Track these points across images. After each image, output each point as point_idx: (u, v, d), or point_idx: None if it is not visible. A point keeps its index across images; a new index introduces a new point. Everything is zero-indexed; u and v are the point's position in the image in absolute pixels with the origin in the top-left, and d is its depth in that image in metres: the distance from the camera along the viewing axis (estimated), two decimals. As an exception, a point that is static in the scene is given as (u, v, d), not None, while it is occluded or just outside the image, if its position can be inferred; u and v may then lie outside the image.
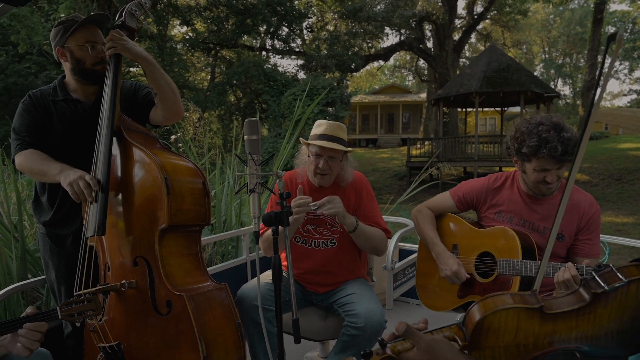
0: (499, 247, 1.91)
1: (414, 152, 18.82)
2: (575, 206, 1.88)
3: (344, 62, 21.71)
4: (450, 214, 2.15)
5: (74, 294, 1.58)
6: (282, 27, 23.11)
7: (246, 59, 22.61)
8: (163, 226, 1.61)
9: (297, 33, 24.23)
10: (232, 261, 3.03)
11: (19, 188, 3.63)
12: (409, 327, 0.83)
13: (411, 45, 23.66)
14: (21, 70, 18.44)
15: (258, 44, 24.50)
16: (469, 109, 20.20)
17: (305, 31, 24.76)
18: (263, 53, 24.68)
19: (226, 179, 4.54)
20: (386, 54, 25.61)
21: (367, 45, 24.94)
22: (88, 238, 1.68)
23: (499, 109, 19.49)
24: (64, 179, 1.66)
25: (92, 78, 1.88)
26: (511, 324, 0.83)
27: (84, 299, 1.49)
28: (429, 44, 25.27)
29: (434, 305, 2.13)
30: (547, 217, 1.91)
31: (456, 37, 25.25)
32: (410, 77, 43.32)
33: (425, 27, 25.07)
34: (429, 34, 25.71)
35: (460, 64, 26.81)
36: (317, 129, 2.10)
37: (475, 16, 25.06)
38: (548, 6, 28.23)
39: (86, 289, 1.61)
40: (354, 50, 23.20)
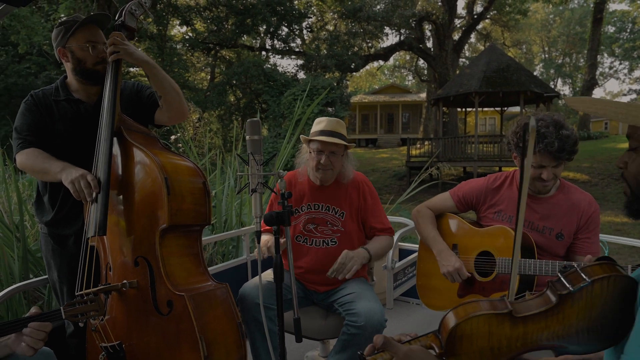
0: (498, 246, 1.91)
1: (413, 152, 18.82)
2: (574, 205, 1.89)
3: (344, 62, 21.72)
4: (450, 213, 2.16)
5: (76, 294, 1.58)
6: (281, 27, 23.12)
7: (246, 59, 22.62)
8: (164, 226, 1.61)
9: (297, 33, 24.24)
10: (233, 261, 3.04)
11: (20, 188, 3.63)
12: (386, 339, 0.87)
13: (411, 45, 23.66)
14: (21, 71, 18.46)
15: (258, 44, 24.51)
16: (468, 109, 20.21)
17: (305, 31, 24.78)
18: (263, 53, 24.69)
19: (227, 179, 4.55)
20: (386, 53, 25.61)
21: (366, 45, 24.95)
22: (89, 238, 1.68)
23: (499, 108, 19.50)
24: (66, 176, 1.66)
25: (93, 78, 1.89)
26: (483, 330, 0.86)
27: (87, 299, 1.50)
28: (429, 44, 25.28)
29: (434, 305, 2.14)
30: (547, 216, 1.92)
31: (456, 37, 25.26)
32: (410, 77, 43.34)
33: (425, 27, 25.08)
34: (428, 33, 25.73)
35: (460, 63, 26.82)
36: (317, 125, 2.13)
37: (475, 16, 25.07)
38: (548, 6, 28.26)
39: (88, 288, 1.62)
40: (353, 50, 23.21)
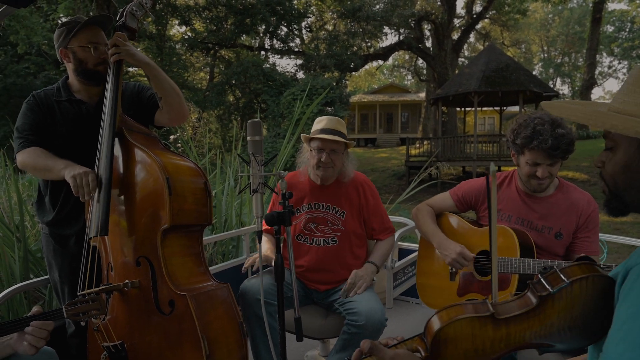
0: (498, 245, 1.92)
1: (412, 152, 18.84)
2: (573, 205, 1.90)
3: (343, 61, 21.72)
4: (450, 213, 2.17)
5: (78, 293, 1.59)
6: (281, 26, 23.11)
7: (245, 58, 22.61)
8: (165, 226, 1.62)
9: (296, 33, 24.24)
10: (233, 261, 3.04)
11: (20, 189, 3.63)
12: (373, 343, 0.89)
13: (410, 44, 23.67)
14: (20, 71, 18.44)
15: (257, 44, 24.50)
16: (467, 109, 20.23)
17: (304, 31, 24.78)
18: (262, 53, 24.68)
19: (226, 179, 4.56)
20: (385, 53, 25.61)
21: (366, 45, 24.94)
22: (91, 238, 1.69)
23: (498, 108, 19.51)
24: (69, 172, 1.66)
25: (94, 79, 1.89)
26: (466, 332, 0.88)
27: (88, 298, 1.51)
28: (428, 44, 25.27)
29: (433, 304, 2.15)
30: (546, 215, 1.93)
31: (455, 36, 25.27)
32: (409, 77, 43.34)
33: (424, 26, 25.08)
34: (427, 33, 25.72)
35: (459, 63, 26.84)
36: (317, 124, 2.16)
37: (474, 16, 25.08)
38: (547, 5, 28.27)
39: (90, 288, 1.63)
40: (352, 49, 23.20)
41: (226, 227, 4.14)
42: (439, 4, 24.21)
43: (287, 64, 49.34)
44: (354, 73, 28.19)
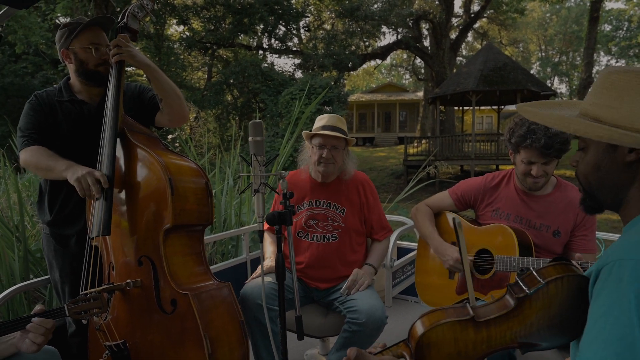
0: (496, 244, 1.94)
1: (411, 151, 18.87)
2: (571, 203, 1.92)
3: (341, 61, 21.73)
4: (449, 212, 2.19)
5: (80, 293, 1.60)
6: (279, 26, 23.10)
7: (243, 58, 22.59)
8: (167, 226, 1.63)
9: (294, 32, 24.23)
10: (232, 260, 3.05)
11: (20, 189, 3.64)
12: (359, 351, 0.92)
13: (408, 44, 23.69)
14: (18, 70, 18.38)
15: (255, 43, 24.48)
16: (465, 108, 20.25)
17: (302, 30, 24.77)
18: (260, 52, 24.67)
19: (226, 178, 4.57)
20: (383, 52, 25.63)
21: (364, 44, 24.95)
22: (93, 238, 1.70)
23: (496, 107, 19.56)
24: (72, 174, 1.66)
25: (95, 79, 1.90)
26: (448, 337, 0.92)
27: (90, 297, 1.52)
28: (426, 43, 25.29)
29: (432, 302, 2.17)
30: (544, 214, 1.95)
31: (453, 35, 25.31)
32: (407, 76, 43.39)
33: (422, 25, 25.10)
34: (425, 32, 25.74)
35: (457, 62, 26.87)
36: (319, 122, 2.21)
37: (472, 15, 25.11)
38: (545, 4, 28.34)
39: (92, 288, 1.64)
40: (351, 49, 23.21)
41: (225, 226, 4.15)
42: (436, 3, 24.23)
43: (285, 64, 49.42)
44: (352, 72, 28.21)
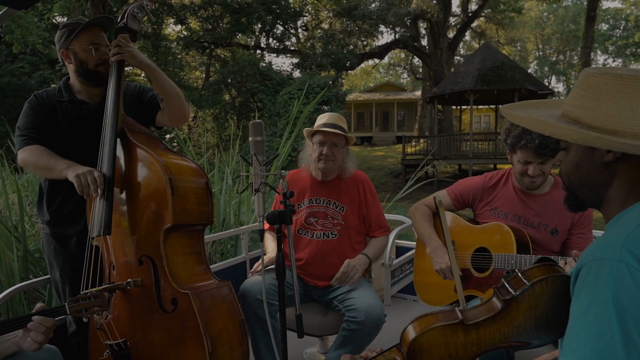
0: (494, 242, 1.96)
1: (409, 150, 18.91)
2: (568, 202, 1.94)
3: (339, 60, 21.74)
4: (447, 211, 2.20)
5: (81, 292, 1.61)
6: (277, 25, 23.09)
7: (241, 57, 22.58)
8: (168, 226, 1.64)
9: (292, 32, 24.23)
10: (232, 259, 3.06)
11: (20, 188, 3.64)
12: (352, 358, 0.95)
13: (406, 43, 23.72)
14: (14, 70, 18.32)
15: (253, 43, 24.47)
16: (463, 107, 20.30)
17: (300, 30, 24.77)
18: (258, 52, 24.66)
19: (225, 178, 4.58)
20: (381, 52, 25.66)
21: (362, 44, 24.96)
22: (93, 238, 1.71)
23: (494, 106, 19.61)
24: (72, 172, 1.66)
25: (95, 79, 1.91)
26: (439, 340, 0.94)
27: (90, 295, 1.53)
28: (424, 42, 25.34)
29: (431, 300, 2.18)
30: (542, 212, 1.96)
31: (451, 35, 25.34)
32: (405, 75, 43.43)
33: (420, 25, 25.14)
34: (423, 32, 25.79)
35: (455, 61, 26.91)
36: (320, 120, 2.24)
37: (470, 14, 25.15)
38: (542, 4, 28.39)
39: (92, 287, 1.65)
40: (349, 48, 23.23)
41: (224, 226, 4.16)
42: (434, 2, 24.27)
43: (283, 63, 49.41)
44: (350, 72, 28.22)
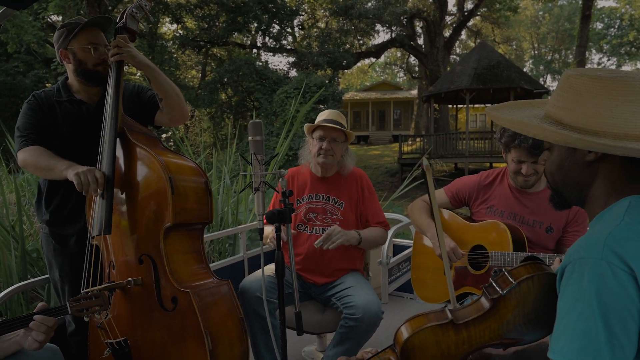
0: (491, 240, 1.98)
1: (405, 149, 18.95)
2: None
3: (336, 59, 21.73)
4: (444, 209, 2.23)
5: (82, 291, 1.62)
6: (273, 24, 23.05)
7: (237, 56, 22.53)
8: (168, 225, 1.65)
9: (288, 31, 24.20)
10: (230, 259, 3.07)
11: (18, 188, 3.63)
12: (347, 359, 0.97)
13: (402, 42, 23.74)
14: (9, 69, 18.20)
15: (249, 42, 24.42)
16: (459, 106, 20.36)
17: (296, 29, 24.75)
18: (254, 51, 24.61)
19: (222, 177, 4.59)
20: (377, 51, 25.67)
21: (358, 43, 24.96)
22: (93, 237, 1.72)
23: (490, 105, 19.67)
24: (72, 171, 1.67)
25: (94, 79, 1.91)
26: (431, 340, 0.97)
27: (91, 295, 1.54)
28: (420, 41, 25.37)
29: (428, 298, 2.21)
30: (537, 210, 1.99)
31: (447, 33, 25.39)
32: (401, 74, 43.43)
33: (416, 24, 25.16)
34: (419, 31, 25.80)
35: (451, 60, 26.97)
36: (320, 117, 2.28)
37: (466, 13, 25.20)
38: (537, 3, 28.48)
39: (93, 287, 1.66)
40: (345, 47, 23.22)
41: (222, 225, 4.17)
42: (430, 1, 24.29)
43: (279, 62, 49.25)
44: (346, 71, 28.24)
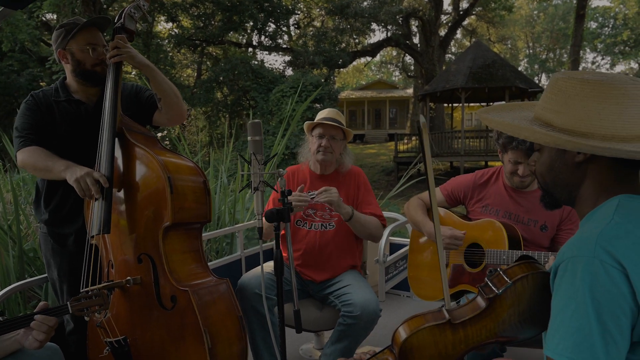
0: (486, 238, 2.01)
1: (401, 148, 18.99)
2: (558, 199, 1.99)
3: (331, 58, 21.76)
4: (440, 207, 2.25)
5: (81, 290, 1.62)
6: (269, 23, 23.03)
7: (233, 55, 22.49)
8: (167, 224, 1.66)
9: (284, 29, 24.20)
10: (227, 257, 3.08)
11: (15, 188, 3.62)
12: None
13: (398, 41, 23.81)
14: (3, 68, 18.08)
15: (245, 41, 24.39)
16: (455, 104, 20.44)
17: (292, 27, 24.75)
18: (250, 50, 24.59)
19: (219, 176, 4.59)
20: (373, 50, 25.72)
21: (354, 42, 25.00)
22: (92, 237, 1.72)
23: (485, 104, 19.75)
24: (70, 175, 1.68)
25: (92, 79, 1.92)
26: (429, 340, 0.99)
27: (91, 294, 1.55)
28: (416, 40, 25.45)
29: (425, 295, 2.23)
30: (531, 209, 2.02)
31: (442, 33, 25.46)
32: (397, 73, 43.52)
33: (411, 23, 25.22)
34: (415, 30, 25.87)
35: (446, 59, 27.05)
36: (319, 116, 2.31)
37: (461, 12, 25.28)
38: (532, 2, 28.58)
39: (93, 286, 1.66)
40: (341, 46, 23.25)
41: (219, 224, 4.17)
42: (426, 0, 24.35)
43: (275, 61, 49.18)
44: (342, 69, 28.26)
